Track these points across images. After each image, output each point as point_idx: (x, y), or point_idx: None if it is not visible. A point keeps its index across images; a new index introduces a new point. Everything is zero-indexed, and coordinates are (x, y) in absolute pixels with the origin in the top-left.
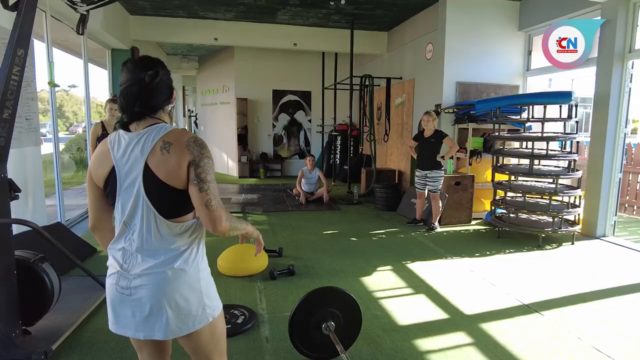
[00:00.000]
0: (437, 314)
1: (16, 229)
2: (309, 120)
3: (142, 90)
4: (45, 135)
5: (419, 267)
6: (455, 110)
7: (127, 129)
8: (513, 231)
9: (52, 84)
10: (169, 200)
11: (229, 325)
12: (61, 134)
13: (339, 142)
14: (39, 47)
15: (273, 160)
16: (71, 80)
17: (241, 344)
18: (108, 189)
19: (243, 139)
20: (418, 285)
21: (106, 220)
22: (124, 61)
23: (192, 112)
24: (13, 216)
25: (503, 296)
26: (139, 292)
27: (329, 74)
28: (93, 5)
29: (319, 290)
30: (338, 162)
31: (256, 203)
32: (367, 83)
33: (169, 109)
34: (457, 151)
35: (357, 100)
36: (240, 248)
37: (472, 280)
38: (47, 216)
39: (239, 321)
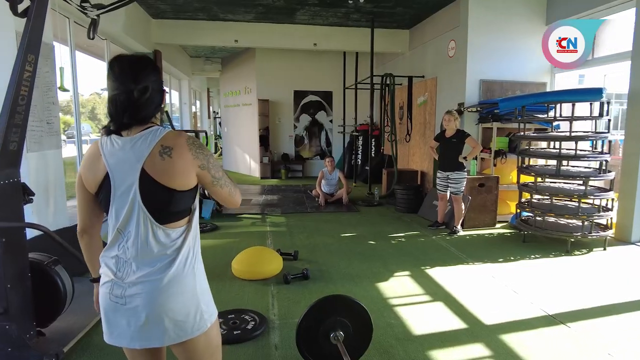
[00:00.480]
0: (455, 323)
1: (33, 232)
2: (330, 121)
3: (131, 103)
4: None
5: (438, 273)
6: (478, 109)
7: (118, 133)
8: (540, 235)
9: (63, 89)
10: (168, 204)
11: (239, 331)
12: (94, 136)
13: (360, 142)
14: (64, 52)
15: (294, 161)
16: (103, 84)
17: (249, 350)
18: (101, 195)
19: (264, 140)
20: (436, 292)
21: (96, 225)
22: (110, 61)
23: (217, 113)
24: (34, 218)
25: (526, 305)
26: (134, 301)
27: (350, 73)
28: (103, 10)
29: (328, 298)
30: (359, 163)
31: (276, 204)
32: (388, 82)
33: (159, 113)
34: (481, 151)
35: (378, 100)
36: (255, 251)
37: (493, 287)
38: (69, 218)
39: (249, 327)
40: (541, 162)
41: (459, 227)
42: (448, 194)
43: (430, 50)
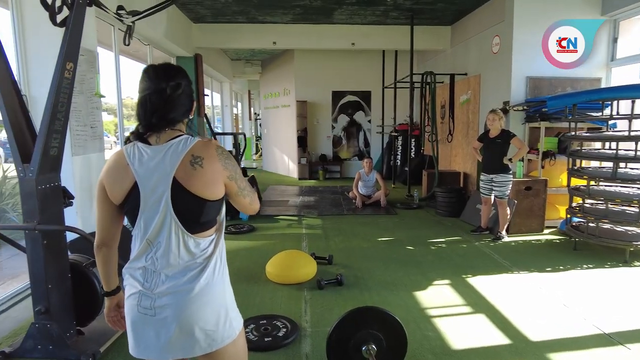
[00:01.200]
0: (498, 338)
1: (73, 234)
2: (369, 121)
3: (162, 101)
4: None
5: (480, 282)
6: (525, 107)
7: (146, 142)
8: (593, 243)
9: (98, 95)
10: (200, 213)
11: (270, 338)
12: None
13: (399, 142)
14: (110, 58)
15: (332, 162)
16: None
17: (280, 359)
18: (127, 206)
19: (302, 141)
20: (477, 303)
21: (115, 237)
22: (145, 67)
23: (258, 115)
24: (77, 219)
25: (578, 321)
26: (164, 312)
27: (389, 72)
28: (138, 17)
29: (360, 310)
30: (398, 164)
31: (312, 206)
32: (428, 80)
33: (187, 120)
34: (527, 153)
35: (419, 99)
36: (289, 255)
37: (541, 299)
38: None
39: (280, 334)
40: (594, 163)
41: (503, 232)
42: (492, 197)
43: (473, 47)
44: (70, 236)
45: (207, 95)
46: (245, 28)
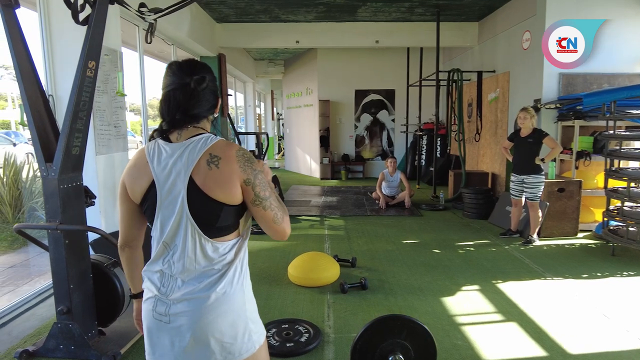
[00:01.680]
0: (532, 348)
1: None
2: (392, 120)
3: (186, 97)
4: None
5: (511, 288)
6: (558, 105)
7: (167, 139)
8: (634, 249)
9: (120, 93)
10: (216, 217)
11: (292, 344)
12: None
13: (424, 142)
14: (135, 58)
15: (354, 162)
16: None
17: None
18: (146, 205)
19: (325, 141)
20: (509, 311)
21: (138, 237)
22: (169, 63)
23: (280, 115)
24: (101, 219)
25: (620, 333)
26: (179, 320)
27: (414, 70)
28: (160, 14)
29: (387, 318)
30: (423, 164)
31: (335, 206)
32: (455, 78)
33: (212, 118)
34: (560, 152)
35: (445, 97)
36: (311, 257)
37: (578, 308)
38: None
39: (303, 339)
40: (634, 164)
41: (534, 236)
42: (523, 199)
43: (501, 43)
44: (93, 235)
45: (231, 95)
46: (269, 27)
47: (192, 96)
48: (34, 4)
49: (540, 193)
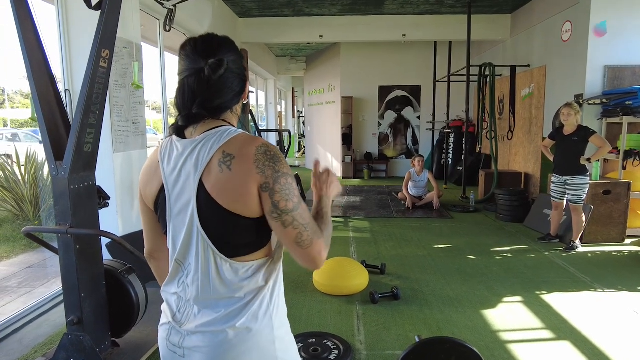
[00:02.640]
0: None
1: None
2: (418, 117)
3: (202, 86)
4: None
5: (558, 301)
6: (604, 100)
7: (181, 135)
8: None
9: (136, 85)
10: (230, 233)
11: None
12: None
13: (452, 140)
14: (155, 54)
15: (378, 161)
16: None
17: None
18: (159, 212)
19: (347, 139)
20: (558, 327)
21: (162, 248)
22: (183, 42)
23: (301, 112)
24: (117, 219)
25: None
26: (193, 356)
27: (441, 65)
28: (179, 0)
29: (433, 342)
30: (450, 163)
31: (359, 207)
32: (487, 73)
33: (240, 107)
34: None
35: (476, 93)
36: (338, 263)
37: (639, 326)
38: None
39: (332, 357)
40: None
41: (577, 242)
42: (565, 202)
43: (537, 36)
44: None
45: (252, 92)
46: (292, 22)
47: (209, 85)
48: None
49: (585, 195)
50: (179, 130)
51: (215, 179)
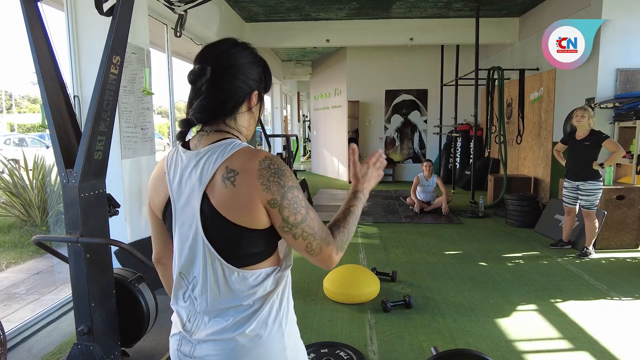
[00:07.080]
0: None
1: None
2: (425, 121)
3: (194, 91)
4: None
5: (574, 309)
6: (617, 104)
7: (186, 145)
8: None
9: (147, 92)
10: (237, 245)
11: None
12: None
13: (459, 144)
14: (163, 59)
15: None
16: None
17: None
18: (167, 222)
19: (353, 143)
20: (575, 337)
21: (171, 255)
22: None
23: (306, 117)
24: (126, 225)
25: None
26: None
27: (449, 69)
28: (191, 4)
29: (452, 354)
30: (458, 167)
31: (366, 212)
32: (495, 76)
33: (247, 116)
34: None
35: (484, 97)
36: (348, 270)
37: None
38: None
39: None
40: None
41: (591, 248)
42: (577, 207)
43: None
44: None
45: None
46: (298, 26)
47: (199, 92)
48: (61, 3)
49: (598, 201)
50: (182, 138)
51: (219, 194)
